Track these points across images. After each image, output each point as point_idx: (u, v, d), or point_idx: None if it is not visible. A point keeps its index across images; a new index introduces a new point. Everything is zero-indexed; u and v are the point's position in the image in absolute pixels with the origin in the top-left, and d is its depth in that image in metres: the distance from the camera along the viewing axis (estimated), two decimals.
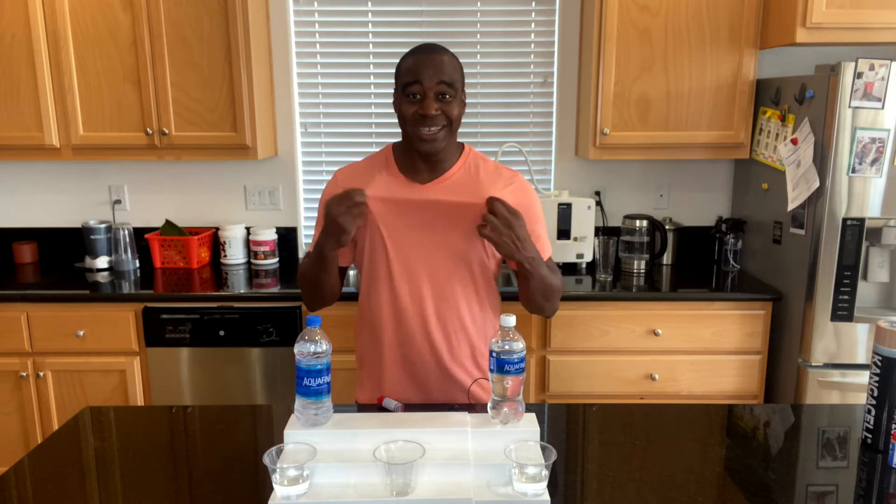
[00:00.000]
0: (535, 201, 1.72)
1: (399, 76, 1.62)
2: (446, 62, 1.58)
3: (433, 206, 1.64)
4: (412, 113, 1.57)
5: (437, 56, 1.57)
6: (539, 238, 1.70)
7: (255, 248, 3.09)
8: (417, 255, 1.65)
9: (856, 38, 2.52)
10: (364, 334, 1.75)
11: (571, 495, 1.29)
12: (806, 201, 2.49)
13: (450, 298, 1.67)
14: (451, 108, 1.58)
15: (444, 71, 1.56)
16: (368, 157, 1.76)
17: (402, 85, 1.59)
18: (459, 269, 1.66)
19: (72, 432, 1.53)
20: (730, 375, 2.70)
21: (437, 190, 1.64)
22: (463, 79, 1.63)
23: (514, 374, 1.38)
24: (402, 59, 1.62)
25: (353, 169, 1.73)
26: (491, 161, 1.73)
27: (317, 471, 1.25)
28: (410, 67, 1.58)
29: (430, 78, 1.55)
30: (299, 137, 3.18)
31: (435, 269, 1.65)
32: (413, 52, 1.61)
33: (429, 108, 1.55)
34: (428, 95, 1.56)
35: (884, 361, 1.40)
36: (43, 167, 3.19)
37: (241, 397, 2.72)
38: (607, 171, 3.18)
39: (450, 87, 1.57)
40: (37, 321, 2.67)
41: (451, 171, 1.66)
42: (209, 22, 2.72)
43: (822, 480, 1.34)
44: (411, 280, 1.66)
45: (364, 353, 1.77)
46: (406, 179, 1.65)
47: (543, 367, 2.71)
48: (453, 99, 1.58)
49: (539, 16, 3.06)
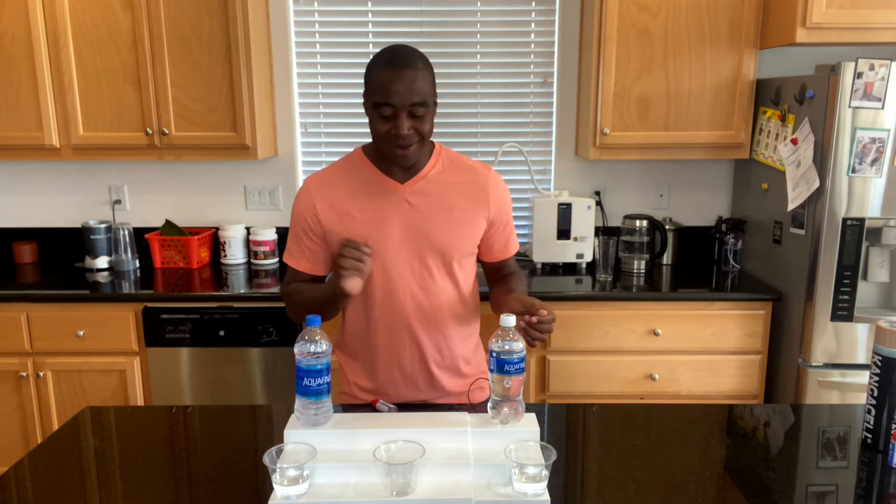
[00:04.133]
0: (509, 195, 1.78)
1: (369, 90, 1.55)
2: (418, 79, 1.51)
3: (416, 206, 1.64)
4: (385, 131, 1.54)
5: (407, 72, 1.50)
6: (512, 229, 1.79)
7: (255, 248, 3.09)
8: (399, 256, 1.64)
9: (856, 38, 2.52)
10: (354, 333, 1.75)
11: (571, 495, 1.29)
12: (806, 201, 2.49)
13: (433, 297, 1.67)
14: (423, 125, 1.56)
15: (415, 90, 1.51)
16: (337, 162, 1.73)
17: (372, 102, 1.54)
18: (444, 267, 1.67)
19: (72, 432, 1.53)
20: (730, 375, 2.70)
21: (417, 189, 1.65)
22: (434, 87, 1.59)
23: (514, 374, 1.38)
24: (372, 66, 1.55)
25: (323, 176, 1.70)
26: (460, 155, 1.75)
27: (317, 471, 1.25)
28: (380, 86, 1.51)
29: (401, 99, 1.50)
30: (299, 137, 3.18)
31: (419, 267, 1.65)
32: (383, 63, 1.53)
33: (401, 129, 1.52)
34: (400, 116, 1.52)
35: (884, 361, 1.40)
36: (43, 167, 3.19)
37: (241, 397, 2.72)
38: (607, 171, 3.18)
39: (421, 105, 1.53)
40: (37, 321, 2.67)
41: (427, 169, 1.67)
42: (209, 22, 2.72)
43: (822, 480, 1.34)
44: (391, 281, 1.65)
45: (357, 351, 1.76)
46: (386, 179, 1.65)
47: (543, 367, 2.71)
48: (425, 114, 1.55)
49: (539, 16, 3.06)
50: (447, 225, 1.65)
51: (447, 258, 1.66)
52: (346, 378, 1.80)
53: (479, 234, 1.71)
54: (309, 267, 1.71)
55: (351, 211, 1.64)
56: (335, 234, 1.65)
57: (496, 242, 1.76)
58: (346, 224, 1.64)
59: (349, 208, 1.64)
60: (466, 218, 1.67)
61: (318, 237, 1.68)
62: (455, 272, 1.69)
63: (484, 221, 1.70)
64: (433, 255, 1.65)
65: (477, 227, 1.69)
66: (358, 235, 1.63)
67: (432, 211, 1.64)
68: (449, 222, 1.65)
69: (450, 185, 1.67)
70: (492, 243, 1.75)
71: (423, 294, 1.66)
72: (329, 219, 1.65)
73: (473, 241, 1.70)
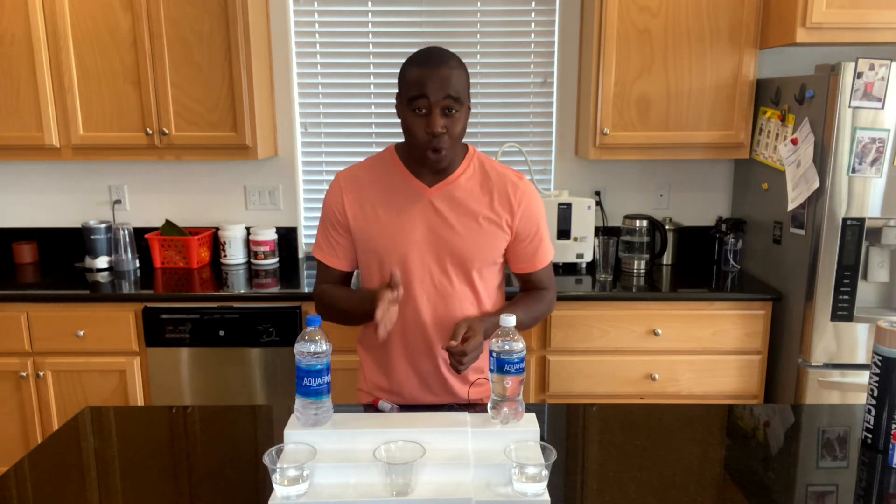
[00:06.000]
0: (542, 206, 1.72)
1: (404, 86, 1.56)
2: (454, 76, 1.52)
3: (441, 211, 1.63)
4: (419, 131, 1.54)
5: (443, 70, 1.52)
6: (542, 241, 1.72)
7: (255, 248, 3.09)
8: (419, 260, 1.64)
9: (856, 38, 2.52)
10: (373, 332, 1.74)
11: (571, 495, 1.29)
12: (806, 201, 2.49)
13: (451, 304, 1.66)
14: (456, 125, 1.55)
15: (451, 86, 1.51)
16: (369, 158, 1.74)
17: (407, 97, 1.54)
18: (462, 275, 1.66)
19: (72, 432, 1.53)
20: (730, 375, 2.70)
21: (444, 193, 1.64)
22: (469, 89, 1.60)
23: (514, 374, 1.38)
24: (408, 65, 1.56)
25: (354, 172, 1.71)
26: (495, 161, 1.72)
27: (317, 471, 1.25)
28: (416, 80, 1.52)
29: (436, 93, 1.51)
30: (299, 137, 3.18)
31: (438, 273, 1.65)
32: (419, 61, 1.54)
33: (434, 125, 1.52)
34: (434, 111, 1.52)
35: (884, 361, 1.40)
36: (43, 167, 3.19)
37: (241, 397, 2.72)
38: (607, 171, 3.18)
39: (456, 101, 1.53)
40: (37, 321, 2.67)
41: (457, 173, 1.65)
42: (209, 22, 2.72)
43: (822, 480, 1.34)
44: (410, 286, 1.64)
45: (375, 349, 1.76)
46: (414, 180, 1.64)
47: (543, 367, 2.71)
48: (459, 112, 1.55)
49: (539, 16, 3.06)
50: (469, 233, 1.63)
51: (466, 266, 1.64)
52: (364, 375, 1.79)
53: (503, 244, 1.67)
54: (338, 262, 1.71)
55: (377, 210, 1.64)
56: (360, 230, 1.65)
57: (522, 254, 1.71)
58: (370, 222, 1.64)
59: (376, 207, 1.64)
60: (489, 227, 1.64)
61: (345, 231, 1.68)
62: (474, 280, 1.66)
63: (507, 232, 1.66)
64: (452, 262, 1.64)
65: (500, 238, 1.66)
66: (381, 235, 1.63)
67: (456, 217, 1.63)
68: (471, 230, 1.63)
69: (478, 191, 1.65)
70: (517, 255, 1.71)
71: (441, 300, 1.65)
72: (355, 214, 1.65)
73: (496, 251, 1.67)
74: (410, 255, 1.63)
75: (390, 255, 1.63)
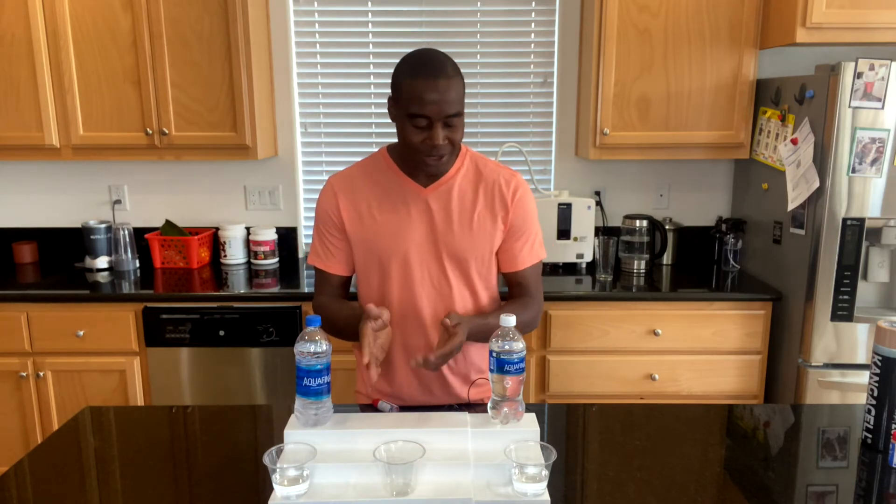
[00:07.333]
0: (534, 204, 1.71)
1: (401, 98, 1.50)
2: (452, 88, 1.48)
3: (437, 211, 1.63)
4: (418, 142, 1.52)
5: (441, 82, 1.47)
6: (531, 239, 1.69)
7: (255, 248, 3.09)
8: (417, 261, 1.64)
9: (856, 38, 2.52)
10: None
11: (571, 495, 1.29)
12: (806, 201, 2.49)
13: (450, 304, 1.66)
14: (456, 134, 1.54)
15: (451, 101, 1.48)
16: (360, 161, 1.72)
17: (406, 112, 1.50)
18: (461, 274, 1.66)
19: (72, 432, 1.53)
20: (730, 375, 2.70)
21: (439, 193, 1.64)
22: (464, 93, 1.56)
23: (514, 374, 1.38)
24: (403, 75, 1.50)
25: (347, 175, 1.69)
26: (488, 159, 1.72)
27: (317, 471, 1.25)
28: (416, 97, 1.47)
29: (438, 111, 1.48)
30: (299, 137, 3.18)
31: (437, 273, 1.65)
32: (416, 72, 1.48)
33: (437, 139, 1.50)
34: (435, 127, 1.50)
35: (884, 361, 1.40)
36: (43, 167, 3.19)
37: (241, 397, 2.72)
38: (607, 171, 3.18)
39: (456, 116, 1.51)
40: (37, 321, 2.67)
41: (452, 173, 1.65)
42: (209, 22, 2.72)
43: (822, 480, 1.34)
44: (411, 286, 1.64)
45: None
46: (409, 182, 1.64)
47: (543, 367, 2.71)
48: (458, 123, 1.54)
49: (539, 16, 3.06)
50: (466, 231, 1.63)
51: (464, 266, 1.64)
52: (362, 378, 1.79)
53: (497, 241, 1.66)
54: (336, 267, 1.70)
55: (373, 212, 1.64)
56: (357, 233, 1.64)
57: (509, 250, 1.68)
58: (367, 225, 1.64)
59: (372, 209, 1.64)
60: (485, 225, 1.64)
61: (342, 234, 1.67)
62: (473, 279, 1.66)
63: (502, 228, 1.66)
64: (451, 261, 1.64)
65: (495, 235, 1.65)
66: (380, 237, 1.62)
67: (452, 217, 1.63)
68: (468, 229, 1.63)
69: (472, 189, 1.64)
70: (505, 251, 1.69)
71: (440, 300, 1.65)
72: (351, 217, 1.65)
73: (491, 248, 1.66)
74: (410, 255, 1.63)
75: (390, 257, 1.63)
